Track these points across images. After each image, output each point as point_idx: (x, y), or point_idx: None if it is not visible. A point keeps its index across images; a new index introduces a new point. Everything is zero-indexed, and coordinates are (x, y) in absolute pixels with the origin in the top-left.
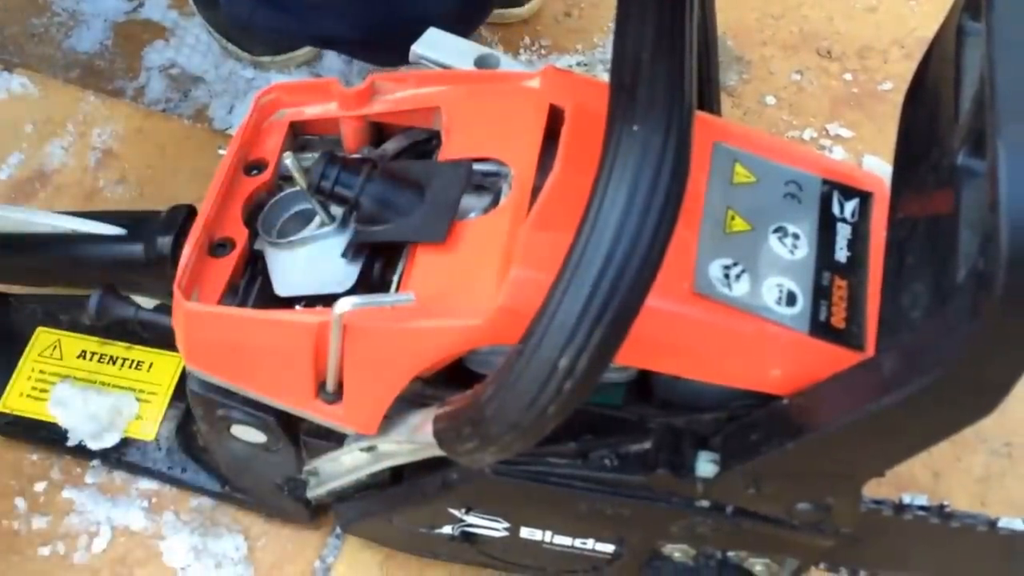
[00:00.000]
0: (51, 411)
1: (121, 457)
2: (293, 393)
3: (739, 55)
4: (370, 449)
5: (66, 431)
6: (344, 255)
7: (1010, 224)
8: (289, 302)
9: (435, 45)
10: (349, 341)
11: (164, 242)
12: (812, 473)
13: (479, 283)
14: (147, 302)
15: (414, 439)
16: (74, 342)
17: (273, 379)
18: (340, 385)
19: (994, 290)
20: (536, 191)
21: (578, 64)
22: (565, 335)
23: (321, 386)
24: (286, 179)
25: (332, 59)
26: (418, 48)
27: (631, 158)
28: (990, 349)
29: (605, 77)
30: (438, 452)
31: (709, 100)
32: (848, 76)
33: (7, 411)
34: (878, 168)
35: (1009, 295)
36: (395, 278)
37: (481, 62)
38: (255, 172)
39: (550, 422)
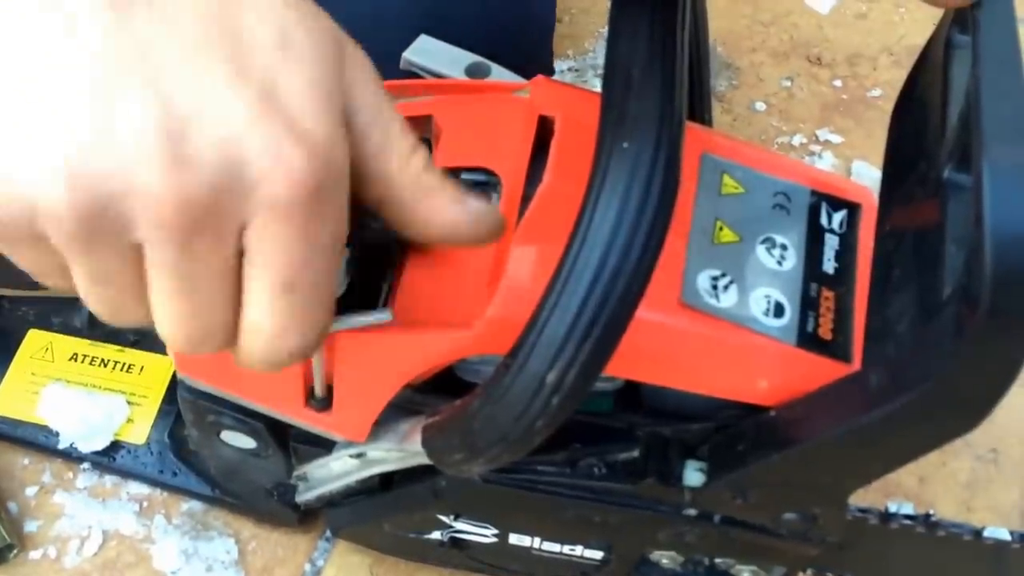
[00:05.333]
0: (42, 413)
1: (112, 460)
2: (282, 400)
3: (728, 61)
4: (359, 456)
5: (57, 433)
6: None
7: (994, 244)
8: None
9: (426, 52)
10: (338, 350)
11: None
12: (798, 484)
13: (469, 292)
14: None
15: (403, 447)
16: (66, 344)
17: (262, 386)
18: (329, 392)
19: (978, 308)
20: (525, 201)
21: (569, 70)
22: (553, 350)
23: (310, 393)
24: None
25: None
26: (409, 55)
27: (621, 174)
28: (974, 366)
29: (596, 83)
30: (427, 460)
31: (701, 109)
32: (838, 83)
33: None
34: (867, 174)
35: (993, 313)
36: (385, 286)
37: (472, 70)
38: None
39: (538, 435)
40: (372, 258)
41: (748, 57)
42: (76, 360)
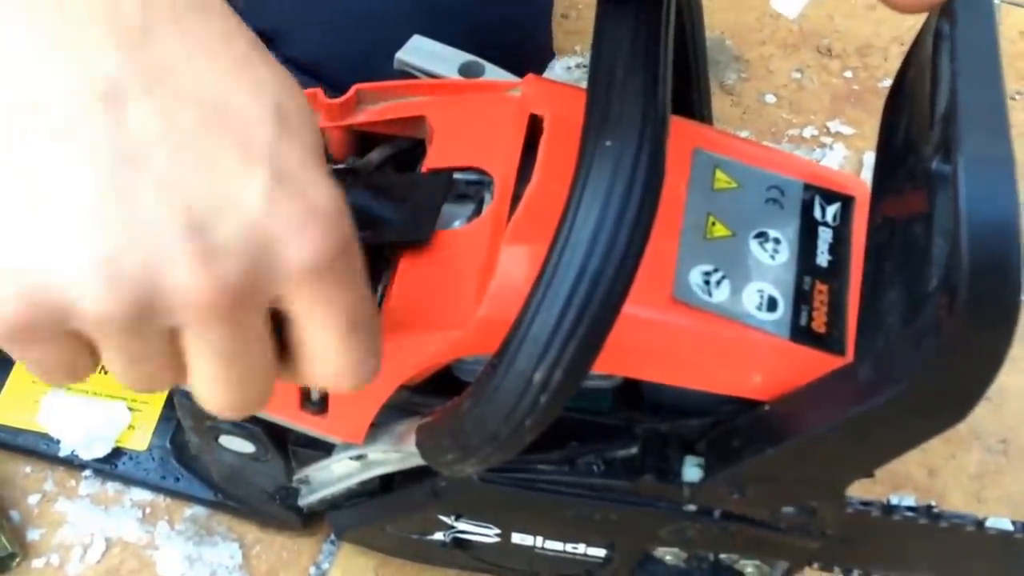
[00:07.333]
0: (43, 421)
1: (114, 467)
2: (278, 404)
3: (738, 54)
4: (359, 458)
5: (58, 441)
6: None
7: (969, 235)
8: None
9: (419, 52)
10: None
11: None
12: (794, 478)
13: (462, 293)
14: None
15: (399, 448)
16: None
17: None
18: (325, 395)
19: (957, 299)
20: (516, 200)
21: (577, 65)
22: (539, 349)
23: (306, 396)
24: None
25: None
26: (403, 55)
27: (603, 173)
28: (957, 358)
29: None
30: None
31: (700, 105)
32: (848, 73)
33: None
34: None
35: (971, 304)
36: (380, 288)
37: (465, 70)
38: None
39: (528, 434)
40: (365, 260)
41: (758, 49)
42: None
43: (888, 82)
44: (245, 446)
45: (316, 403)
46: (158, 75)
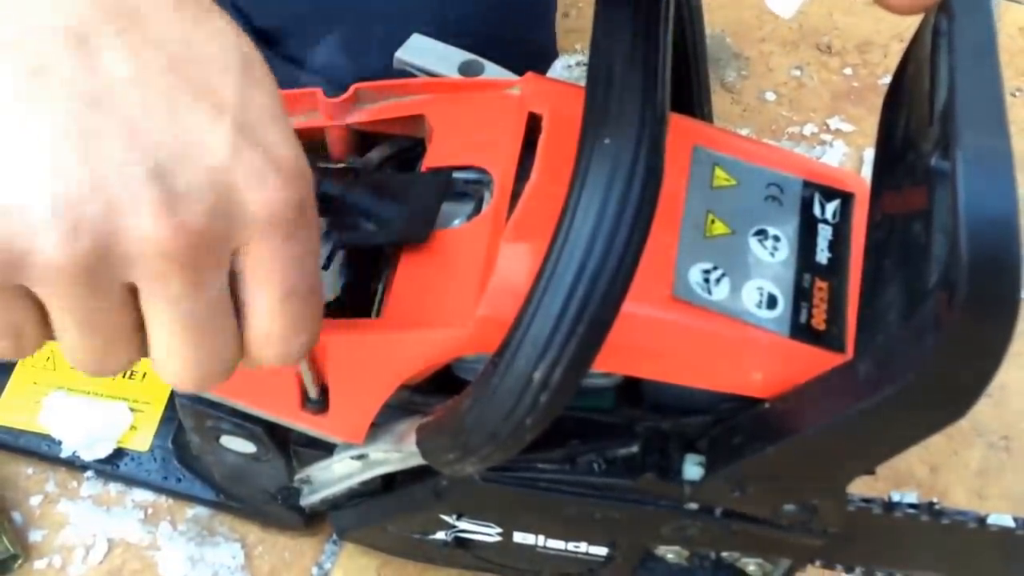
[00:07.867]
0: (44, 422)
1: (116, 468)
2: (279, 403)
3: (738, 52)
4: (361, 457)
5: (59, 442)
6: (326, 266)
7: (968, 231)
8: None
9: (419, 51)
10: (332, 351)
11: None
12: (794, 475)
13: (462, 292)
14: None
15: (400, 448)
16: None
17: (259, 390)
18: (325, 394)
19: (956, 295)
20: (515, 198)
21: (577, 64)
22: (539, 348)
23: (306, 396)
24: None
25: None
26: (402, 54)
27: (602, 171)
28: (956, 354)
29: None
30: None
31: (700, 102)
32: (848, 71)
33: (1, 424)
34: None
35: (971, 300)
36: (379, 287)
37: (465, 68)
38: None
39: (528, 433)
40: (365, 260)
41: (757, 47)
42: None
43: (888, 79)
44: (246, 446)
45: (316, 402)
46: (127, 20)
